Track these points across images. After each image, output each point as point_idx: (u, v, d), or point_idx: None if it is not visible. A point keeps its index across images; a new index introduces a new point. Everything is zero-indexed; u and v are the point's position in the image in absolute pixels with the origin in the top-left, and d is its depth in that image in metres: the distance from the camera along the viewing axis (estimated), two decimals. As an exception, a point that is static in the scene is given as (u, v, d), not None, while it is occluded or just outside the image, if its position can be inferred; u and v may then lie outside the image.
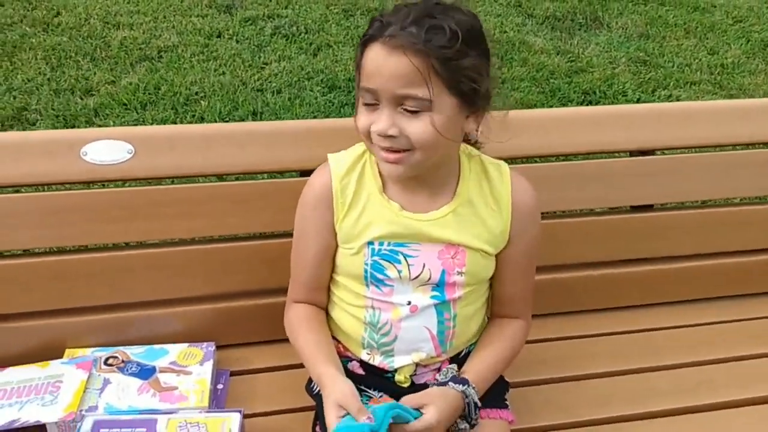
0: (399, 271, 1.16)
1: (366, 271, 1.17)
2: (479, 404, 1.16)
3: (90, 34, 3.57)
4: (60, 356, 1.39)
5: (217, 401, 1.36)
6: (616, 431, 1.36)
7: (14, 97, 3.02)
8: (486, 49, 1.10)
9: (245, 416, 1.29)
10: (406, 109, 1.06)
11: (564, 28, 4.04)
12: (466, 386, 1.15)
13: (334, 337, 1.27)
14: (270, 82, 3.26)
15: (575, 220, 1.59)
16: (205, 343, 1.43)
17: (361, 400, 1.08)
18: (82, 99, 3.05)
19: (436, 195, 1.17)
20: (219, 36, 3.65)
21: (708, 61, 3.79)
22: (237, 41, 3.61)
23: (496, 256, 1.22)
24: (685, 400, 1.43)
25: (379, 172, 1.18)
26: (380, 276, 1.17)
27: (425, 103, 1.04)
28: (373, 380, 1.24)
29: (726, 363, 1.54)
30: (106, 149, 1.32)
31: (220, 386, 1.39)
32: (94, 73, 3.23)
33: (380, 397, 1.24)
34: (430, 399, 1.11)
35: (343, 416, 1.05)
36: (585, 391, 1.44)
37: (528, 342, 1.37)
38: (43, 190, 1.33)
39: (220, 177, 1.40)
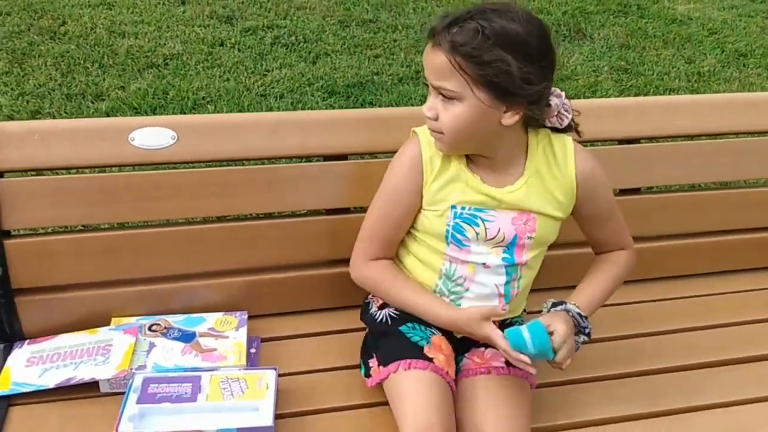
0: (477, 233, 1.33)
1: (447, 231, 1.33)
2: (582, 313, 1.30)
3: (96, 42, 3.70)
4: (107, 324, 1.52)
5: (251, 363, 1.49)
6: (616, 386, 1.52)
7: (27, 102, 3.14)
8: (528, 53, 1.17)
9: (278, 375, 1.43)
10: (443, 95, 1.23)
11: (549, 39, 4.24)
12: (563, 305, 1.31)
13: None
14: (272, 87, 3.41)
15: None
16: (238, 312, 1.57)
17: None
18: (93, 103, 3.18)
19: (508, 172, 1.33)
20: (222, 45, 3.79)
21: (685, 70, 3.99)
22: (239, 50, 3.76)
23: (577, 215, 1.40)
24: (670, 361, 1.59)
25: None
26: (460, 236, 1.33)
27: (455, 93, 1.21)
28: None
29: (711, 329, 1.70)
30: (152, 135, 1.46)
31: (252, 350, 1.53)
32: (104, 79, 3.36)
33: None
34: (550, 320, 1.25)
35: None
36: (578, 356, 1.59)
37: (528, 313, 1.53)
38: (96, 172, 1.47)
39: (253, 161, 1.54)
